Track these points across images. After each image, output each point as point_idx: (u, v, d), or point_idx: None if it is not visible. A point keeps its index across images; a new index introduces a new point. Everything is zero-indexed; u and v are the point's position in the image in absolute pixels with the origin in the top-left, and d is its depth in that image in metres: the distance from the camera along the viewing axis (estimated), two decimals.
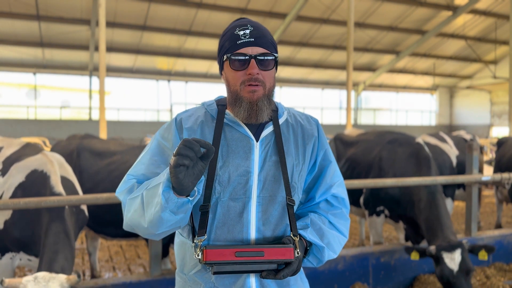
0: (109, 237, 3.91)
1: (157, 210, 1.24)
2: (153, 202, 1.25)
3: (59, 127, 19.39)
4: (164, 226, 1.27)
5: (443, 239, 3.36)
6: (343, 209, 1.52)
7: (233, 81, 1.38)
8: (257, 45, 1.36)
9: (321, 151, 1.52)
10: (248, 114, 1.37)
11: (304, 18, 18.36)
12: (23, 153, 3.21)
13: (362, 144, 4.75)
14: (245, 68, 1.35)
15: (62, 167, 3.16)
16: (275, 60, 1.40)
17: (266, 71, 1.37)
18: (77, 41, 17.95)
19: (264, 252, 1.25)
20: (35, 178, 2.93)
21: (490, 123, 27.30)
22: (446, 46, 23.12)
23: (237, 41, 1.36)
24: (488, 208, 8.55)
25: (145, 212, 1.28)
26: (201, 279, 1.38)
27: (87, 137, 4.34)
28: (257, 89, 1.35)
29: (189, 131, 1.41)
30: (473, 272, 3.28)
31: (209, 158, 1.18)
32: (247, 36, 1.36)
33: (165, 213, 1.23)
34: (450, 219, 3.56)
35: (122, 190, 1.40)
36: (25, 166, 3.01)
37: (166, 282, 3.21)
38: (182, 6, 16.66)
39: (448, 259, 3.23)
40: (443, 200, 3.72)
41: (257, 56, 1.35)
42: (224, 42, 1.40)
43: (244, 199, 1.37)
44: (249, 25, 1.38)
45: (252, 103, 1.36)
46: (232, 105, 1.40)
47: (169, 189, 1.22)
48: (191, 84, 22.82)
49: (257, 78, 1.35)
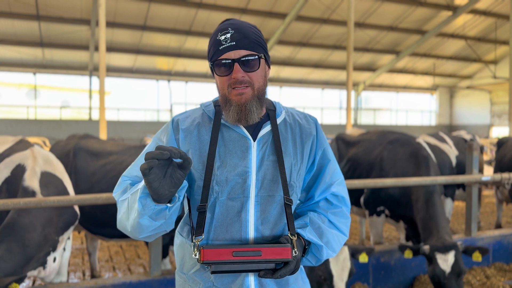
0: (107, 238, 3.91)
1: (136, 216, 1.26)
2: (134, 208, 1.28)
3: (59, 127, 19.39)
4: (144, 231, 1.30)
5: (438, 239, 3.36)
6: (343, 207, 1.51)
7: (221, 85, 1.40)
8: (239, 48, 1.35)
9: (320, 149, 1.51)
10: (238, 116, 1.37)
11: (304, 18, 18.36)
12: (14, 149, 3.25)
13: (364, 144, 4.75)
14: (230, 72, 1.36)
15: (48, 163, 3.15)
16: (261, 58, 1.39)
17: (252, 72, 1.37)
18: (77, 41, 17.95)
19: (261, 251, 1.25)
20: (17, 173, 2.98)
21: (490, 123, 27.30)
22: (446, 46, 23.12)
23: (219, 47, 1.36)
24: (488, 208, 8.55)
25: (129, 216, 1.30)
26: (200, 279, 1.38)
27: (85, 137, 4.33)
28: (244, 91, 1.36)
29: (185, 132, 1.42)
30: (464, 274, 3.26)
31: (187, 167, 1.20)
32: (228, 40, 1.36)
33: (143, 219, 1.26)
34: (446, 219, 3.56)
35: (117, 191, 1.41)
36: (12, 161, 3.07)
37: (166, 282, 3.21)
38: (182, 6, 16.67)
39: (441, 260, 3.23)
40: (440, 200, 3.72)
41: (240, 59, 1.35)
42: (209, 49, 1.41)
43: (242, 199, 1.37)
44: (230, 28, 1.37)
45: (241, 105, 1.36)
46: (223, 108, 1.41)
47: (145, 195, 1.24)
48: (191, 84, 22.82)
49: (243, 81, 1.35)
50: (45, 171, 3.05)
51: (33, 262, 2.71)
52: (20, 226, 2.67)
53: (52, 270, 2.92)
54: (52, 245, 2.86)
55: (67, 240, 3.15)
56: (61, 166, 3.33)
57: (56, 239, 2.88)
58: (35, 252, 2.68)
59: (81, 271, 4.88)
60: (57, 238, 2.89)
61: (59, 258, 3.00)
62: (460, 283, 3.22)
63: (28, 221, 2.71)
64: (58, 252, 2.96)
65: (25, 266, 2.62)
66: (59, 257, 2.98)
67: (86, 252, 5.52)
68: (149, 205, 1.24)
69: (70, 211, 3.06)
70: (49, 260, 2.86)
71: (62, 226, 2.97)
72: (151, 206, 1.24)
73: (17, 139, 3.47)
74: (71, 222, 3.07)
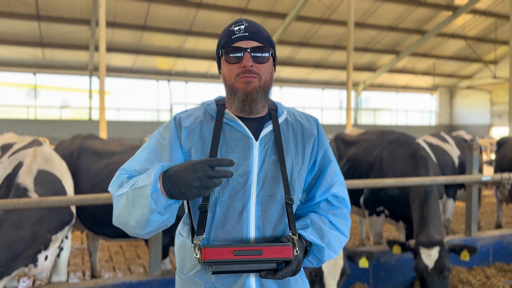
0: (109, 238, 3.91)
1: (145, 212, 1.25)
2: (140, 204, 1.26)
3: (59, 127, 19.37)
4: (151, 226, 1.30)
5: (427, 235, 3.38)
6: (343, 208, 1.51)
7: (228, 74, 1.39)
8: (252, 39, 1.37)
9: (321, 150, 1.52)
10: (242, 105, 1.37)
11: (304, 18, 18.35)
12: (24, 147, 3.28)
13: (363, 144, 4.75)
14: (240, 61, 1.37)
15: (48, 162, 3.16)
16: (271, 54, 1.41)
17: (261, 64, 1.38)
18: (77, 41, 17.94)
19: (262, 250, 1.25)
20: (17, 170, 3.00)
21: (490, 123, 27.29)
22: (446, 46, 23.11)
23: (231, 36, 1.38)
24: (488, 208, 8.55)
25: (132, 211, 1.29)
26: (200, 279, 1.38)
27: (89, 138, 4.33)
28: (252, 80, 1.36)
29: (188, 130, 1.42)
30: (449, 272, 3.26)
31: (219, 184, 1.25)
32: (242, 30, 1.38)
33: (154, 215, 1.26)
34: (439, 219, 3.56)
35: (114, 185, 1.40)
36: (15, 158, 3.10)
37: (166, 282, 3.21)
38: (182, 6, 16.66)
39: (424, 254, 3.25)
40: (437, 200, 3.72)
41: (251, 48, 1.36)
42: (220, 39, 1.42)
43: (243, 199, 1.37)
44: (245, 21, 1.40)
45: (247, 93, 1.36)
46: (228, 98, 1.41)
47: (157, 190, 1.23)
48: (191, 84, 22.81)
49: (251, 70, 1.36)
50: (42, 170, 3.05)
51: (21, 259, 2.70)
52: (8, 223, 2.66)
53: (43, 269, 2.92)
54: (44, 243, 2.85)
55: (65, 240, 3.14)
56: (64, 166, 3.33)
57: (48, 238, 2.87)
58: (22, 249, 2.67)
59: (81, 271, 4.88)
60: (49, 236, 2.88)
61: (52, 257, 2.98)
62: (444, 281, 3.22)
63: (16, 218, 2.71)
64: (51, 251, 2.94)
65: (11, 262, 2.62)
66: (51, 255, 2.97)
67: (86, 252, 5.52)
68: (161, 200, 1.24)
69: (65, 210, 3.04)
70: (40, 258, 2.85)
71: (56, 225, 2.95)
72: (163, 201, 1.24)
73: (30, 139, 3.51)
74: (67, 222, 3.05)
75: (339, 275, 2.91)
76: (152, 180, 1.23)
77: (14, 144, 3.44)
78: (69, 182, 3.27)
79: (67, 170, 3.36)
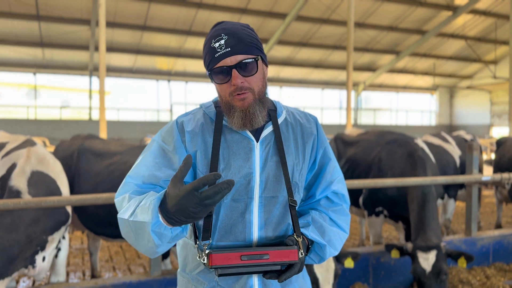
0: (110, 238, 3.91)
1: (151, 246, 1.24)
2: (144, 237, 1.23)
3: (59, 127, 19.38)
4: (161, 251, 1.30)
5: (424, 239, 3.38)
6: (343, 205, 1.53)
7: (222, 93, 1.38)
8: (235, 53, 1.33)
9: (321, 148, 1.52)
10: (243, 122, 1.36)
11: (304, 18, 18.36)
12: (17, 147, 3.24)
13: (362, 144, 4.75)
14: (229, 79, 1.34)
15: (42, 163, 3.12)
16: (258, 60, 1.37)
17: (250, 77, 1.36)
18: (77, 41, 17.95)
19: (269, 254, 1.26)
20: (11, 171, 2.98)
21: (490, 123, 27.30)
22: (446, 46, 23.12)
23: (214, 55, 1.34)
24: (488, 208, 8.56)
25: (138, 242, 1.27)
26: (204, 279, 1.39)
27: (89, 138, 4.32)
28: (245, 97, 1.35)
29: (191, 134, 1.41)
30: (447, 276, 3.25)
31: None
32: (223, 46, 1.33)
33: (161, 248, 1.26)
34: (437, 222, 3.55)
35: (119, 196, 1.36)
36: (9, 159, 3.06)
37: (166, 282, 3.21)
38: (182, 6, 16.66)
39: (422, 258, 3.26)
40: (435, 202, 3.71)
41: (237, 65, 1.33)
42: (204, 57, 1.39)
43: (246, 200, 1.37)
44: (223, 34, 1.34)
45: (244, 110, 1.35)
46: (227, 114, 1.39)
47: (159, 224, 1.19)
48: (191, 84, 22.82)
49: (243, 87, 1.34)
50: (36, 171, 3.02)
51: (19, 261, 2.70)
52: (1, 226, 2.65)
53: (42, 269, 2.92)
54: (40, 244, 2.84)
55: (62, 240, 3.12)
56: (58, 166, 3.28)
57: (44, 239, 2.86)
58: (18, 252, 2.66)
59: (81, 271, 4.88)
60: (45, 237, 2.87)
61: (49, 258, 2.97)
62: (442, 284, 3.22)
63: (10, 221, 2.69)
64: (48, 252, 2.93)
65: (8, 265, 2.61)
66: (49, 256, 2.96)
67: (86, 252, 5.52)
68: (166, 235, 1.21)
69: (60, 210, 3.03)
70: (37, 259, 2.85)
71: (51, 225, 2.93)
72: (168, 234, 1.21)
73: (23, 138, 3.47)
74: (62, 222, 3.04)
75: (333, 278, 2.92)
76: (151, 217, 1.18)
77: (6, 143, 3.39)
78: (64, 183, 3.23)
79: (62, 170, 3.32)
